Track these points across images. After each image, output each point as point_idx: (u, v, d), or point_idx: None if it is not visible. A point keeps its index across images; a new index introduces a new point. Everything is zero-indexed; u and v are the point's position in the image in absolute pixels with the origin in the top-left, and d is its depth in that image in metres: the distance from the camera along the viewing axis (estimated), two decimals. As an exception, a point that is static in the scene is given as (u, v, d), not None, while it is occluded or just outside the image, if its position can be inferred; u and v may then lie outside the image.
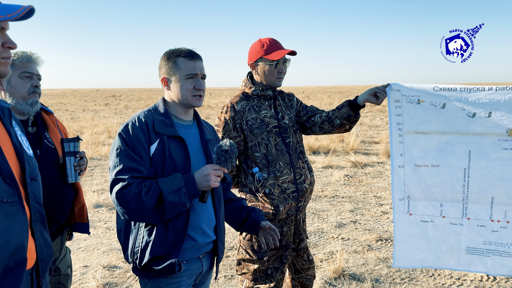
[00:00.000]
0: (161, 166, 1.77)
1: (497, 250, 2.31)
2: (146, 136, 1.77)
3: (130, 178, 1.70)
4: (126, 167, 1.72)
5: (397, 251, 2.47)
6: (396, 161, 2.42)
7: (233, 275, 3.82)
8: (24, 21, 1.26)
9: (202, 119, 2.07)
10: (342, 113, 2.52)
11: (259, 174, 2.45)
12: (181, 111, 1.91)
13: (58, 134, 2.29)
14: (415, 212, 2.43)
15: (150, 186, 1.69)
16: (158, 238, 1.76)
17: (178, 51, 1.87)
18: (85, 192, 6.78)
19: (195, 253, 1.87)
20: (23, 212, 1.25)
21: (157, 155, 1.77)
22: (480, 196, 2.29)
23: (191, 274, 1.88)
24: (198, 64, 1.86)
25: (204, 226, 1.87)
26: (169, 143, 1.80)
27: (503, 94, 2.18)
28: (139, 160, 1.74)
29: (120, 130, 1.79)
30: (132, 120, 1.82)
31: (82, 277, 3.89)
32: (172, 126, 1.83)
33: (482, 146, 2.25)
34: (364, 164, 8.45)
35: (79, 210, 2.29)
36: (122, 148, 1.75)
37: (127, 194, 1.68)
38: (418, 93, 2.33)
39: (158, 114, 1.85)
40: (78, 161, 2.19)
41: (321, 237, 4.78)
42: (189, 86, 1.84)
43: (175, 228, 1.77)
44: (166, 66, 1.88)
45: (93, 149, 10.50)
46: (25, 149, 1.35)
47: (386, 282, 3.63)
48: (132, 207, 1.69)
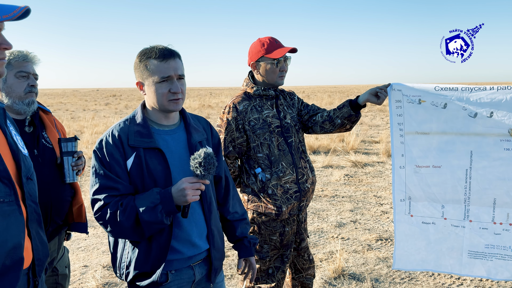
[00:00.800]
0: (140, 181, 1.69)
1: (499, 253, 2.27)
2: (121, 151, 1.68)
3: (106, 197, 1.65)
4: (102, 186, 1.66)
5: (397, 253, 2.44)
6: (397, 161, 2.40)
7: (233, 275, 3.82)
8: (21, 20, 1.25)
9: (194, 116, 1.94)
10: (343, 112, 2.51)
11: (262, 174, 2.44)
12: (161, 116, 1.77)
13: (56, 133, 2.28)
14: (416, 213, 2.41)
15: (127, 205, 1.62)
16: (142, 255, 1.70)
17: (150, 52, 1.70)
18: (84, 191, 6.78)
19: (184, 263, 1.78)
20: (20, 211, 1.25)
21: (134, 169, 1.68)
22: (482, 197, 2.27)
23: (181, 284, 1.78)
24: (172, 64, 1.68)
25: (193, 238, 1.77)
26: (146, 156, 1.69)
27: (505, 93, 2.17)
28: (115, 178, 1.66)
29: (95, 148, 1.72)
30: (106, 135, 1.72)
31: (81, 276, 3.88)
32: (149, 137, 1.70)
33: (484, 147, 2.23)
34: (364, 163, 8.45)
35: (77, 210, 2.28)
36: (97, 167, 1.69)
37: (104, 215, 1.64)
38: (419, 93, 2.31)
39: (135, 124, 1.73)
40: (75, 161, 2.18)
41: (321, 236, 4.78)
42: (164, 90, 1.68)
43: (158, 243, 1.69)
44: (139, 69, 1.73)
45: (93, 148, 10.50)
46: (20, 149, 1.35)
47: (386, 282, 3.63)
48: (111, 228, 1.65)
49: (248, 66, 2.58)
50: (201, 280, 1.85)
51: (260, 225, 2.49)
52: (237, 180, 2.58)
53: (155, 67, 1.68)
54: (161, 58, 1.67)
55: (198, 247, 1.79)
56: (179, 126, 1.84)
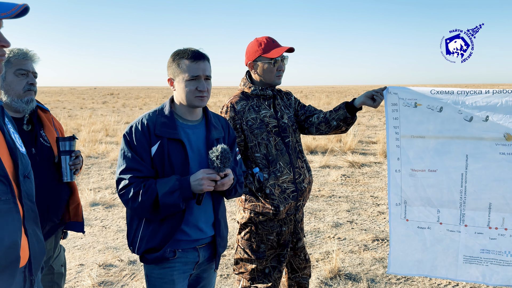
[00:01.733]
0: (160, 167, 1.88)
1: (495, 258, 2.27)
2: (148, 138, 1.88)
3: (131, 178, 1.84)
4: (128, 167, 1.86)
5: (392, 257, 2.44)
6: (392, 165, 2.40)
7: (229, 274, 3.82)
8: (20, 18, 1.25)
9: (215, 115, 2.12)
10: (339, 114, 2.52)
11: (260, 174, 2.44)
12: (186, 111, 1.97)
13: (54, 132, 2.27)
14: (412, 217, 2.40)
15: (148, 186, 1.81)
16: (153, 232, 1.90)
17: (183, 53, 1.91)
18: (81, 190, 6.77)
19: (191, 244, 1.97)
20: (16, 210, 1.25)
21: (157, 156, 1.88)
22: (478, 201, 2.26)
23: (186, 262, 1.97)
24: (201, 65, 1.89)
25: (200, 224, 1.96)
26: (169, 145, 1.88)
27: (500, 97, 2.16)
28: (140, 161, 1.86)
29: (125, 132, 1.91)
30: (136, 122, 1.91)
31: (77, 275, 3.87)
32: (173, 128, 1.90)
33: (479, 150, 2.23)
34: (361, 164, 8.46)
35: (74, 209, 2.28)
36: (125, 150, 1.88)
37: (127, 193, 1.83)
38: (415, 96, 2.30)
39: (162, 116, 1.93)
40: (73, 160, 2.18)
41: (317, 236, 4.79)
42: (192, 87, 1.89)
43: (170, 224, 1.89)
44: (172, 67, 1.94)
45: (90, 147, 10.48)
46: (18, 147, 1.35)
47: (382, 282, 3.64)
48: (132, 205, 1.84)
49: (245, 65, 2.59)
50: (203, 262, 2.05)
51: (257, 224, 2.49)
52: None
53: (186, 67, 1.88)
54: (192, 59, 1.88)
55: (204, 232, 1.98)
56: (201, 122, 2.03)
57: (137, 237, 1.93)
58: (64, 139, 2.15)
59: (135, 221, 1.95)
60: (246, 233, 2.52)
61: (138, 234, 1.93)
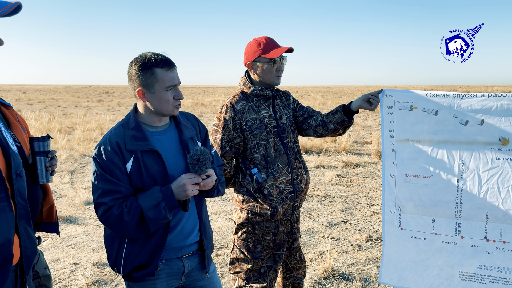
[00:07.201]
0: (139, 181, 1.79)
1: (492, 275, 2.14)
2: (120, 156, 1.77)
3: (111, 200, 1.74)
4: (105, 191, 1.75)
5: (384, 267, 2.35)
6: (387, 170, 2.33)
7: (223, 274, 3.82)
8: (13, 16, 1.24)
9: (182, 113, 2.03)
10: (336, 118, 2.52)
11: (258, 175, 2.44)
12: (156, 119, 1.88)
13: (22, 130, 2.00)
14: (406, 226, 2.31)
15: (131, 205, 1.72)
16: (139, 249, 1.81)
17: (154, 61, 1.77)
18: (76, 189, 6.74)
19: (175, 254, 1.90)
20: (10, 208, 1.24)
21: (134, 172, 1.78)
22: (474, 211, 2.16)
23: (170, 273, 1.90)
24: (175, 73, 1.82)
25: (186, 230, 1.90)
26: (144, 158, 1.79)
27: (495, 100, 2.13)
28: (117, 181, 1.75)
29: (94, 154, 1.80)
30: (103, 142, 1.80)
31: (71, 274, 3.86)
32: (144, 140, 1.80)
33: (475, 156, 2.17)
34: (356, 164, 8.49)
35: (47, 210, 2.06)
36: (98, 173, 1.77)
37: (110, 217, 1.73)
38: (411, 99, 2.27)
39: (129, 129, 1.82)
40: (49, 161, 1.97)
41: (311, 236, 4.80)
42: (170, 97, 1.81)
43: (156, 238, 1.81)
44: (141, 77, 1.78)
45: (85, 145, 10.43)
46: (10, 145, 1.34)
47: (375, 282, 3.65)
48: (117, 228, 1.75)
49: (244, 66, 2.58)
50: (192, 271, 1.97)
51: (254, 225, 2.49)
52: (232, 180, 2.57)
53: (163, 75, 1.77)
54: (167, 66, 1.78)
55: (189, 239, 1.92)
56: (170, 125, 1.95)
57: (120, 256, 1.83)
58: (38, 139, 1.94)
59: (117, 240, 1.84)
60: (243, 233, 2.52)
61: (122, 253, 1.82)
